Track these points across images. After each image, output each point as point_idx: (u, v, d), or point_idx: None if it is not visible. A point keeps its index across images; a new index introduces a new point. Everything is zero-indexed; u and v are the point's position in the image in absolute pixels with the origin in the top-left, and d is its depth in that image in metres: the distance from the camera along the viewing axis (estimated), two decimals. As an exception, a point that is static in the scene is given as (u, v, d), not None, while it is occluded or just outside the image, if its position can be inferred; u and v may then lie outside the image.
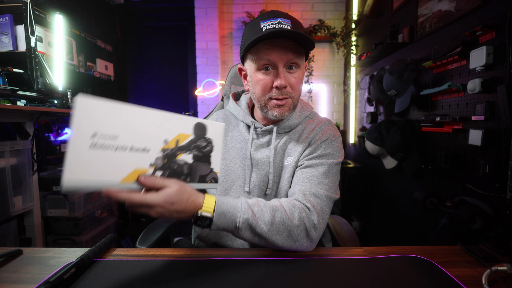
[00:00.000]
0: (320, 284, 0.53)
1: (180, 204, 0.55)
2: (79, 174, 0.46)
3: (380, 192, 2.18)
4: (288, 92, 0.74)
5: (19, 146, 1.49)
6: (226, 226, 0.60)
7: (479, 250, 0.65)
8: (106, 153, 0.48)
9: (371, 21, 2.33)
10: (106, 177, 0.49)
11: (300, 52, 0.72)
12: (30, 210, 1.57)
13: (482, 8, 1.12)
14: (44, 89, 1.56)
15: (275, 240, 0.62)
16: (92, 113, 0.47)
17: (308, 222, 0.65)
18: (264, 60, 0.71)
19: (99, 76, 2.44)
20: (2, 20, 1.49)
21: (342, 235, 0.91)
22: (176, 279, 0.54)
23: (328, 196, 0.71)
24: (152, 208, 0.53)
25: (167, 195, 0.53)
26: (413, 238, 1.68)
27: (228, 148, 0.85)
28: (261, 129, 0.82)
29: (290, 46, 0.70)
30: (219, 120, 0.90)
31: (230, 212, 0.60)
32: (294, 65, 0.72)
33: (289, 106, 0.76)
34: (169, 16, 3.00)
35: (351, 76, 2.76)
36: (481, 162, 1.08)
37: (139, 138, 0.52)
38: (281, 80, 0.71)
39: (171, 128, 0.56)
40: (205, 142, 0.61)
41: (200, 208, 0.58)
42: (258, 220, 0.61)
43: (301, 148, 0.78)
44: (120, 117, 0.50)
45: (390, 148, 1.64)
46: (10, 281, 0.55)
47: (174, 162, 0.57)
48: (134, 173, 0.52)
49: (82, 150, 0.46)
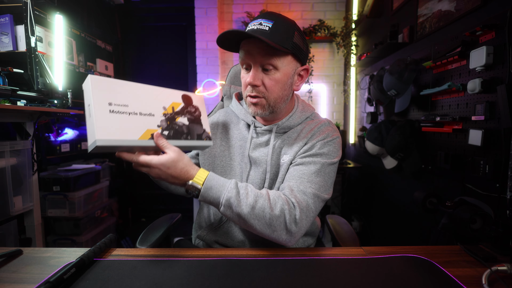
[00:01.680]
0: (320, 284, 0.53)
1: (175, 170, 0.63)
2: (107, 133, 0.57)
3: (380, 192, 2.18)
4: (261, 92, 0.75)
5: (19, 146, 1.49)
6: (211, 200, 0.66)
7: (479, 250, 0.65)
8: (123, 117, 0.61)
9: (371, 21, 2.33)
10: (127, 135, 0.60)
11: (277, 53, 0.71)
12: (30, 210, 1.57)
13: (482, 8, 1.12)
14: (44, 89, 1.56)
15: (253, 223, 0.65)
16: (105, 87, 0.61)
17: (289, 215, 0.65)
18: (242, 60, 0.75)
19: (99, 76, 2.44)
20: (2, 20, 1.49)
21: (342, 235, 0.92)
22: (176, 279, 0.54)
23: (316, 195, 0.70)
24: (151, 169, 0.63)
25: (165, 159, 0.62)
26: (413, 238, 1.68)
27: (228, 146, 0.86)
28: (260, 128, 0.83)
29: (265, 47, 0.69)
30: (220, 118, 0.92)
31: (216, 188, 0.66)
32: (270, 66, 0.72)
33: (263, 105, 0.76)
34: (169, 16, 3.00)
35: (351, 76, 2.76)
36: (481, 162, 1.08)
37: (144, 105, 0.65)
38: (249, 78, 0.73)
39: (165, 98, 0.69)
40: (194, 108, 0.74)
41: (191, 178, 0.65)
42: (241, 201, 0.65)
43: (297, 147, 0.79)
44: (126, 90, 0.63)
45: (390, 148, 1.64)
46: (10, 281, 0.55)
47: (175, 124, 0.69)
48: (147, 132, 0.63)
49: (104, 115, 0.58)
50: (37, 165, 1.61)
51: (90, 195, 2.05)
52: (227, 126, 0.89)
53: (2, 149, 1.40)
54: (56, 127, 2.05)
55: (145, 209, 3.06)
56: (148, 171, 0.64)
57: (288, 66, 0.74)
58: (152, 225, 0.95)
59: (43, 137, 1.90)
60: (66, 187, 1.85)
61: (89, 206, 2.02)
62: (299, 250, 0.69)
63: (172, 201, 3.02)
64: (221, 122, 0.91)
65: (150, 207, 3.06)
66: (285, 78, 0.74)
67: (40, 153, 1.80)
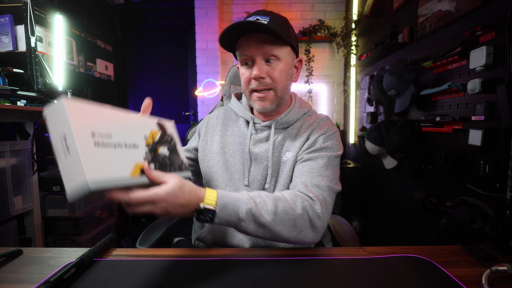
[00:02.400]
0: (320, 284, 0.53)
1: (183, 196, 0.54)
2: (98, 173, 0.45)
3: (380, 192, 2.18)
4: (268, 84, 0.75)
5: (19, 146, 1.49)
6: (229, 219, 0.59)
7: (479, 250, 0.65)
8: (109, 150, 0.49)
9: (371, 21, 2.33)
10: (119, 173, 0.50)
11: (278, 44, 0.73)
12: (30, 210, 1.57)
13: (482, 8, 1.12)
14: (44, 89, 1.56)
15: (279, 230, 0.61)
16: (84, 114, 0.48)
17: (312, 211, 0.64)
18: (243, 56, 0.75)
19: (99, 76, 2.44)
20: (2, 20, 1.49)
21: (342, 235, 0.92)
22: (176, 279, 0.54)
23: (330, 187, 0.71)
24: (156, 204, 0.52)
25: (171, 188, 0.53)
26: (413, 238, 1.68)
27: (227, 142, 0.85)
28: (259, 124, 0.83)
29: (266, 39, 0.71)
30: (219, 116, 0.92)
31: (232, 204, 0.59)
32: (273, 58, 0.73)
33: (271, 98, 0.76)
34: (169, 16, 3.00)
35: (351, 76, 2.76)
36: (481, 162, 1.08)
37: (126, 135, 0.54)
38: (256, 71, 0.73)
39: (143, 126, 0.60)
40: (169, 137, 0.67)
41: (202, 200, 0.57)
42: (261, 210, 0.60)
43: (299, 142, 0.79)
44: (105, 116, 0.52)
45: (390, 148, 1.64)
46: (10, 281, 0.55)
47: (158, 155, 0.61)
48: (136, 167, 0.53)
49: (90, 148, 0.46)
50: (37, 165, 1.61)
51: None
52: (226, 123, 0.89)
53: (2, 149, 1.40)
54: (56, 127, 2.05)
55: (145, 209, 3.05)
56: (153, 208, 0.52)
57: (288, 56, 0.76)
58: (152, 226, 0.95)
59: (43, 137, 1.90)
60: (66, 187, 1.84)
61: (89, 206, 2.02)
62: (299, 250, 0.69)
63: (172, 201, 3.02)
64: (220, 119, 0.91)
65: (150, 207, 3.06)
66: (287, 68, 0.76)
67: (40, 153, 1.80)
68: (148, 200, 0.51)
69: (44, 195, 1.83)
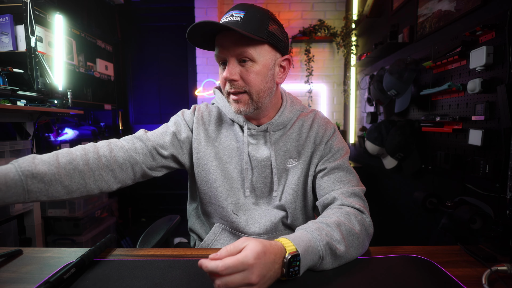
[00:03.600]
0: (320, 284, 0.53)
1: (268, 250, 0.48)
2: None
3: (380, 192, 2.18)
4: (240, 86, 0.69)
5: (19, 146, 1.49)
6: (311, 262, 0.54)
7: (479, 250, 0.65)
8: None
9: (371, 21, 2.33)
10: None
11: (253, 44, 0.66)
12: (30, 210, 1.57)
13: (482, 8, 1.12)
14: (44, 89, 1.56)
15: (351, 254, 0.59)
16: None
17: (365, 223, 0.65)
18: (217, 56, 0.70)
19: (99, 76, 2.44)
20: (2, 20, 1.49)
21: None
22: (176, 279, 0.54)
23: (362, 190, 0.73)
24: (249, 269, 0.44)
25: (253, 246, 0.46)
26: (413, 238, 1.68)
27: (222, 146, 0.79)
28: (255, 130, 0.78)
29: (239, 38, 0.65)
30: (212, 113, 0.82)
31: (309, 245, 0.54)
32: (246, 59, 0.67)
33: (246, 102, 0.71)
34: (169, 16, 3.00)
35: (351, 76, 2.76)
36: (481, 162, 1.08)
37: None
38: (225, 73, 0.68)
39: None
40: None
41: (283, 248, 0.51)
42: (334, 242, 0.57)
43: (308, 150, 0.78)
44: None
45: (390, 148, 1.64)
46: (10, 281, 0.55)
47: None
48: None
49: None
50: (37, 165, 1.61)
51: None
52: (220, 124, 0.81)
53: (2, 149, 1.40)
54: (56, 127, 2.05)
55: (145, 209, 3.06)
56: (248, 276, 0.44)
57: (266, 56, 0.69)
58: (151, 228, 0.93)
59: (43, 137, 1.90)
60: (66, 187, 1.84)
61: (89, 206, 2.02)
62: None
63: (172, 201, 3.03)
64: (214, 117, 0.82)
65: (150, 207, 3.06)
66: (264, 70, 0.69)
67: (40, 153, 1.80)
68: (239, 265, 0.44)
69: (44, 195, 1.83)
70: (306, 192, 0.79)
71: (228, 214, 0.78)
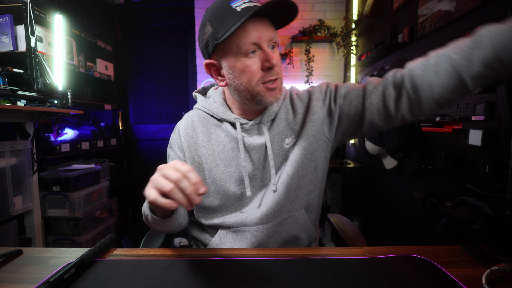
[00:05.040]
0: (320, 284, 0.53)
1: None
2: None
3: (380, 192, 2.18)
4: (276, 73, 0.68)
5: (19, 146, 1.49)
6: None
7: (479, 250, 0.65)
8: None
9: (371, 21, 2.33)
10: None
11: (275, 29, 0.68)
12: (30, 210, 1.57)
13: (482, 8, 1.12)
14: (44, 89, 1.56)
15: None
16: None
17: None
18: (248, 44, 0.64)
19: (99, 76, 2.44)
20: (2, 20, 1.49)
21: (347, 233, 0.92)
22: (176, 279, 0.54)
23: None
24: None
25: None
26: (413, 238, 1.68)
27: (216, 152, 0.76)
28: (248, 124, 0.75)
29: (269, 23, 0.66)
30: (196, 123, 0.79)
31: None
32: (275, 45, 0.67)
33: (280, 88, 0.70)
34: (169, 16, 3.00)
35: (351, 76, 2.76)
36: (481, 162, 1.08)
37: None
38: (273, 59, 0.65)
39: None
40: None
41: None
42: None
43: (299, 119, 0.77)
44: None
45: (390, 148, 1.64)
46: (10, 281, 0.55)
47: None
48: None
49: None
50: (37, 165, 1.62)
51: (90, 195, 2.05)
52: (208, 131, 0.78)
53: (2, 149, 1.40)
54: (56, 127, 2.05)
55: (145, 209, 3.05)
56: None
57: None
58: (151, 232, 0.92)
59: (43, 137, 1.90)
60: (66, 187, 1.85)
61: (89, 206, 2.02)
62: (299, 250, 0.69)
63: (172, 201, 3.02)
64: (199, 127, 0.79)
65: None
66: None
67: (40, 153, 1.80)
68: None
69: (44, 195, 1.83)
70: (309, 168, 0.76)
71: (231, 224, 0.76)
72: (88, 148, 2.24)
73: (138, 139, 3.10)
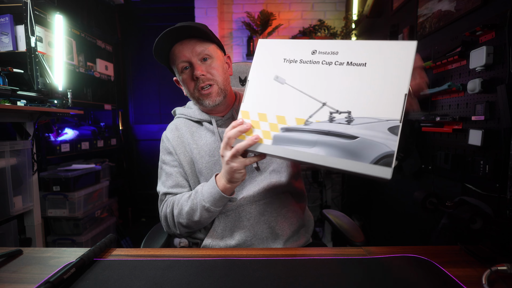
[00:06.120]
0: (320, 284, 0.53)
1: None
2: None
3: (380, 192, 2.18)
4: (209, 79, 0.81)
5: (19, 146, 1.49)
6: None
7: (479, 250, 0.65)
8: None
9: (371, 21, 2.33)
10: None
11: (207, 44, 0.82)
12: (30, 210, 1.57)
13: (482, 8, 1.12)
14: (44, 89, 1.56)
15: None
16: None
17: None
18: (180, 63, 0.81)
19: (99, 76, 2.44)
20: (2, 20, 1.49)
21: (344, 227, 0.96)
22: (176, 279, 0.54)
23: None
24: None
25: None
26: (413, 238, 1.68)
27: (200, 145, 0.87)
28: (222, 120, 0.88)
29: (195, 42, 0.80)
30: (182, 130, 0.91)
31: None
32: (207, 56, 0.81)
33: (216, 92, 0.82)
34: (169, 16, 2.99)
35: (351, 76, 2.75)
36: (481, 162, 1.08)
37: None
38: (196, 71, 0.79)
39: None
40: None
41: None
42: None
43: None
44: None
45: (390, 148, 1.64)
46: (10, 281, 0.55)
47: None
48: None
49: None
50: (37, 165, 1.62)
51: (90, 195, 2.05)
52: (193, 135, 0.89)
53: (2, 149, 1.40)
54: (56, 127, 2.05)
55: (145, 209, 3.05)
56: None
57: (217, 53, 0.85)
58: (152, 232, 0.93)
59: (43, 137, 1.90)
60: (66, 187, 1.85)
61: (89, 206, 2.02)
62: (299, 250, 0.69)
63: (172, 201, 3.02)
64: (186, 133, 0.90)
65: (150, 207, 3.06)
66: (221, 63, 0.85)
67: (40, 153, 1.80)
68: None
69: (44, 195, 1.83)
70: None
71: (225, 208, 0.84)
72: (88, 148, 2.24)
73: (138, 139, 3.09)
